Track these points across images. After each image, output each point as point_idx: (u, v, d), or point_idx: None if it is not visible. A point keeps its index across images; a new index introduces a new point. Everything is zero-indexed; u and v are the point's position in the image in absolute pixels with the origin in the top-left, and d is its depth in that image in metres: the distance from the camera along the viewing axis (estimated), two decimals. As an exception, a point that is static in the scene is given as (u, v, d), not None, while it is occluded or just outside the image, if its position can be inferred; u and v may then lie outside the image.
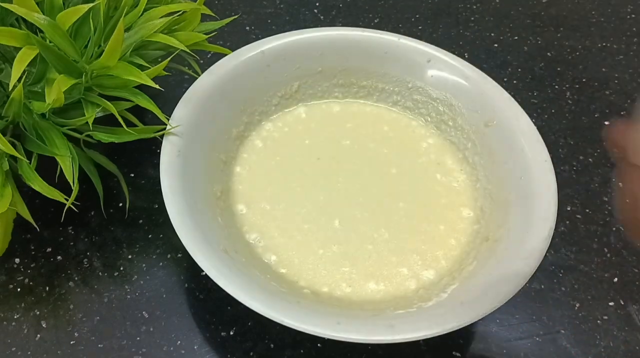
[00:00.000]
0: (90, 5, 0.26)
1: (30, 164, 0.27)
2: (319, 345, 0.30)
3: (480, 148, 0.33)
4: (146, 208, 0.35)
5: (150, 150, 0.38)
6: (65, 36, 0.26)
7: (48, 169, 0.28)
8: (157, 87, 0.28)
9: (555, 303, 0.33)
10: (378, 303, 0.28)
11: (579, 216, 0.37)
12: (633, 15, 0.52)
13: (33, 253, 0.33)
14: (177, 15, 0.30)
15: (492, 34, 0.49)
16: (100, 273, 0.32)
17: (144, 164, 0.37)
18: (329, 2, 0.50)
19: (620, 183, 0.17)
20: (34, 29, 0.27)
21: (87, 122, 0.27)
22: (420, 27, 0.49)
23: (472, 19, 0.50)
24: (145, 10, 0.29)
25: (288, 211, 0.32)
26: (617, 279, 0.34)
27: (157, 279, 0.32)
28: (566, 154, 0.40)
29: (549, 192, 0.28)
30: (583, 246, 0.35)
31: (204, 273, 0.25)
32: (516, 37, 0.49)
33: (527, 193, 0.29)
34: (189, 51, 0.31)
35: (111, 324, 0.31)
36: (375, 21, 0.49)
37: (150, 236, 0.34)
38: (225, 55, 0.33)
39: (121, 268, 0.33)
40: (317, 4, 0.50)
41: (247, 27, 0.47)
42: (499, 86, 0.33)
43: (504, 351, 0.31)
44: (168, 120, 0.29)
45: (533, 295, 0.33)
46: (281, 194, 0.32)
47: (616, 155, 0.18)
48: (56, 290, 0.32)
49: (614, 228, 0.36)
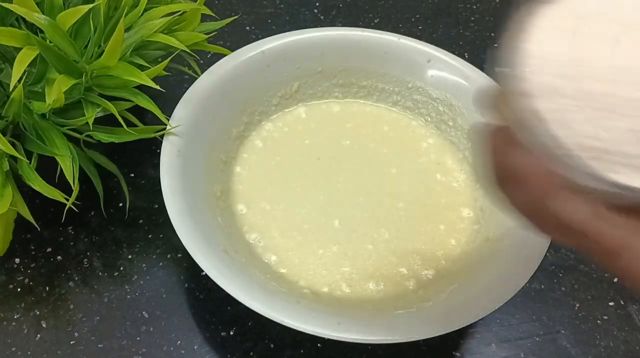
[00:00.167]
0: (91, 6, 0.26)
1: (30, 164, 0.27)
2: (319, 345, 0.30)
3: (480, 148, 0.33)
4: (146, 208, 0.35)
5: (150, 150, 0.38)
6: (66, 36, 0.26)
7: (48, 169, 0.28)
8: (157, 87, 0.28)
9: (555, 303, 0.33)
10: (378, 303, 0.28)
11: (579, 216, 0.37)
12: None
13: (33, 253, 0.33)
14: (177, 15, 0.30)
15: (492, 34, 0.49)
16: (100, 273, 0.32)
17: (144, 164, 0.37)
18: (329, 2, 0.50)
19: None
20: (34, 29, 0.27)
21: (87, 122, 0.27)
22: (420, 27, 0.49)
23: (472, 19, 0.50)
24: (145, 10, 0.29)
25: (288, 211, 0.32)
26: (617, 279, 0.34)
27: (157, 279, 0.32)
28: (566, 154, 0.40)
29: (549, 192, 0.28)
30: (583, 246, 0.35)
31: (204, 273, 0.25)
32: (516, 37, 0.49)
33: (527, 194, 0.29)
34: (189, 51, 0.31)
35: (111, 324, 0.31)
36: (375, 21, 0.49)
37: (150, 236, 0.34)
38: (225, 55, 0.33)
39: (121, 268, 0.33)
40: (317, 4, 0.50)
41: (247, 27, 0.47)
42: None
43: (504, 351, 0.31)
44: (168, 120, 0.29)
45: (533, 295, 0.33)
46: (281, 194, 0.32)
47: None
48: (56, 290, 0.32)
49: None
